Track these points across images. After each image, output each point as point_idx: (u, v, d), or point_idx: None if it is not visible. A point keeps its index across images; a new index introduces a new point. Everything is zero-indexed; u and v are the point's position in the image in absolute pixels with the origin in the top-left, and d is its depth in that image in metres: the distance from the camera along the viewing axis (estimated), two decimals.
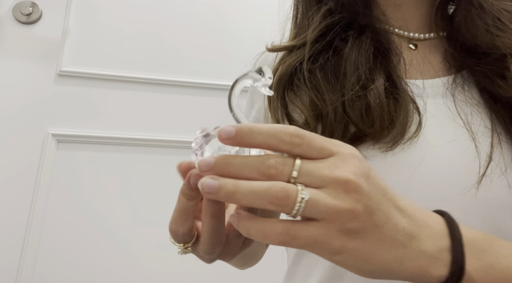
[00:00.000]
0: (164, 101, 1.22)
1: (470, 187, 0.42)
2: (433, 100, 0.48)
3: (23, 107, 1.13)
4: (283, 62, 0.53)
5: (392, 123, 0.44)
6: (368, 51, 0.49)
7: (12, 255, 1.03)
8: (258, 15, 1.37)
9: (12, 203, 1.06)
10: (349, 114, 0.45)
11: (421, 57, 0.52)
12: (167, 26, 1.29)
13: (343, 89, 0.47)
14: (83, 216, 1.09)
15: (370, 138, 0.44)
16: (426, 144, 0.45)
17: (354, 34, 0.50)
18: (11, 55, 1.16)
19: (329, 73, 0.48)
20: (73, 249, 1.07)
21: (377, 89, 0.45)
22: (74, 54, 1.20)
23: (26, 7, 1.18)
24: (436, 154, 0.44)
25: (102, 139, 1.16)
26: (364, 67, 0.47)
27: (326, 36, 0.51)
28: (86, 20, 1.24)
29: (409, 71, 0.50)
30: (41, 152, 1.11)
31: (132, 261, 1.10)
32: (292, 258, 0.52)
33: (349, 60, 0.48)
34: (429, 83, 0.50)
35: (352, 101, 0.45)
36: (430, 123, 0.46)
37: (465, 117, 0.46)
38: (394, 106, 0.45)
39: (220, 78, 1.28)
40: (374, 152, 0.44)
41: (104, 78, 1.20)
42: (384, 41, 0.50)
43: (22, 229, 1.05)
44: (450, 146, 0.44)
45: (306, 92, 0.49)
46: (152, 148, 1.17)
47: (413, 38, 0.54)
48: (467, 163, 0.43)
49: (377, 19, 0.53)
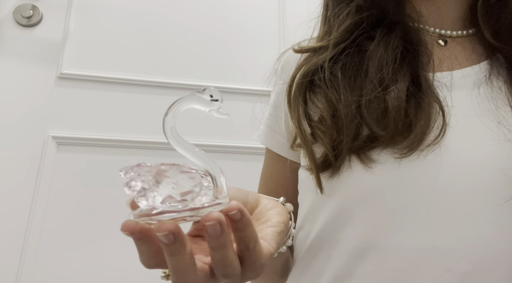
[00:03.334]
0: (164, 104, 1.22)
1: (504, 199, 0.39)
2: (461, 94, 0.45)
3: (24, 109, 1.13)
4: (308, 61, 0.52)
5: (410, 128, 0.42)
6: (396, 51, 0.47)
7: (12, 257, 1.03)
8: (259, 17, 1.37)
9: (12, 205, 1.06)
10: (364, 115, 0.43)
11: (450, 53, 0.50)
12: (168, 29, 1.29)
13: (363, 89, 0.45)
14: (83, 218, 1.09)
15: (382, 142, 0.43)
16: (449, 151, 0.42)
17: (382, 32, 0.48)
18: (12, 57, 1.16)
19: (350, 72, 0.47)
20: (73, 251, 1.07)
21: (398, 91, 0.43)
22: (75, 57, 1.20)
23: (27, 10, 1.18)
24: (461, 162, 0.41)
25: (102, 142, 1.16)
26: (389, 67, 0.45)
27: (352, 34, 0.49)
28: (87, 23, 1.24)
29: (439, 64, 0.48)
30: (41, 154, 1.11)
31: (132, 262, 1.10)
32: (300, 258, 0.51)
33: (373, 59, 0.46)
34: (458, 74, 0.47)
35: (370, 102, 0.44)
36: (457, 124, 0.43)
37: (498, 113, 0.43)
38: (415, 110, 0.43)
39: (222, 81, 1.28)
40: (387, 158, 0.43)
41: (104, 80, 1.20)
42: (415, 40, 0.48)
43: (22, 231, 1.04)
44: (480, 151, 0.41)
45: (324, 91, 0.48)
46: (152, 151, 1.17)
47: (445, 35, 0.52)
48: (498, 172, 0.40)
49: (409, 17, 0.51)
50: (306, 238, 0.51)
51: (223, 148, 1.23)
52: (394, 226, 0.42)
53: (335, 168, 0.45)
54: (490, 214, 0.40)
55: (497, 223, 0.40)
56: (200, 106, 0.29)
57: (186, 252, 0.28)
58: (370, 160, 0.43)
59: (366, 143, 0.43)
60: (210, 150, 1.22)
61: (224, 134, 1.25)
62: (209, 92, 0.29)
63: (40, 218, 1.06)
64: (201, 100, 0.29)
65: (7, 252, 1.03)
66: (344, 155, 0.44)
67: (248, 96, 1.26)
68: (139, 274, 1.10)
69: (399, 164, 0.42)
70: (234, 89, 1.28)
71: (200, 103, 0.29)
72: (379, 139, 0.43)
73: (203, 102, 0.29)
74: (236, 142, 1.24)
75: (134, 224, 0.29)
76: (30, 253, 1.03)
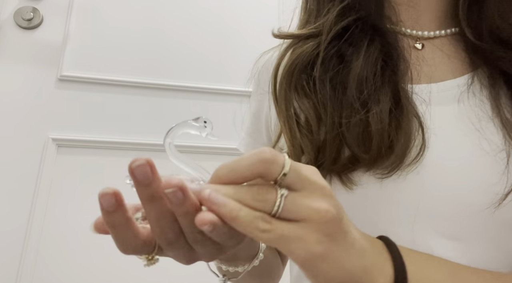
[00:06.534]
0: (164, 106, 1.22)
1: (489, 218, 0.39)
2: (441, 109, 0.44)
3: (24, 111, 1.13)
4: (293, 49, 0.50)
5: (391, 148, 0.41)
6: (376, 64, 0.45)
7: (12, 259, 1.03)
8: (260, 20, 1.37)
9: (12, 207, 1.06)
10: (346, 135, 0.42)
11: (429, 60, 0.49)
12: (168, 31, 1.29)
13: (344, 108, 0.44)
14: (83, 220, 1.09)
15: (365, 164, 0.42)
16: (429, 170, 0.41)
17: (363, 41, 0.47)
18: (12, 60, 1.16)
19: (337, 86, 0.46)
20: (72, 254, 1.07)
21: (381, 113, 0.42)
22: (75, 59, 1.20)
23: (27, 12, 1.18)
24: (442, 181, 0.41)
25: (102, 144, 1.16)
26: (370, 85, 0.44)
27: (340, 39, 0.48)
28: (87, 25, 1.24)
29: (417, 76, 0.47)
30: (41, 156, 1.11)
31: (132, 263, 1.09)
32: (298, 269, 0.50)
33: (353, 74, 0.45)
34: (436, 87, 0.46)
35: (351, 124, 0.42)
36: (436, 141, 0.42)
37: (479, 128, 0.42)
38: (396, 129, 0.42)
39: (223, 83, 1.28)
40: (368, 179, 0.42)
41: (104, 83, 1.21)
42: (393, 50, 0.47)
43: (22, 233, 1.04)
44: (460, 168, 0.40)
45: (312, 98, 0.47)
46: (152, 153, 1.17)
47: (423, 36, 0.51)
48: (480, 189, 0.40)
49: (388, 19, 0.50)
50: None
51: (222, 149, 1.23)
52: None
53: None
54: (474, 234, 0.40)
55: (482, 243, 0.40)
56: (194, 131, 0.35)
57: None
58: (351, 181, 0.43)
59: (347, 165, 0.42)
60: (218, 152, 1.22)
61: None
62: (202, 120, 0.35)
63: (40, 220, 1.06)
64: (195, 127, 0.35)
65: (7, 253, 1.03)
66: (324, 175, 0.43)
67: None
68: (139, 275, 1.09)
69: (381, 184, 0.42)
70: (235, 92, 1.28)
71: (195, 128, 0.35)
72: (361, 162, 0.42)
73: (197, 128, 0.35)
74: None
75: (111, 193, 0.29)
76: (30, 255, 1.03)
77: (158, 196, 0.28)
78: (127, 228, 0.29)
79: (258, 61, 0.61)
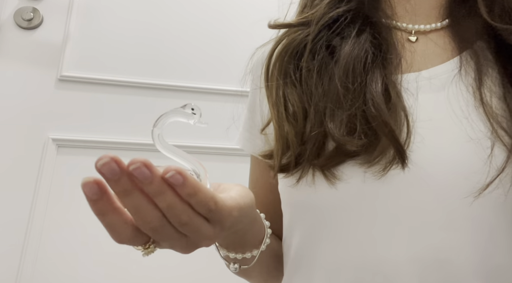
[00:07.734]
0: (164, 106, 1.22)
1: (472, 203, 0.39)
2: (427, 97, 0.44)
3: (24, 111, 1.13)
4: (287, 34, 0.52)
5: (377, 139, 0.41)
6: (366, 53, 0.45)
7: (12, 259, 1.03)
8: (260, 20, 1.37)
9: (12, 207, 1.06)
10: (329, 126, 0.42)
11: (421, 51, 0.48)
12: (168, 31, 1.29)
13: (330, 98, 0.44)
14: (83, 220, 1.09)
15: (349, 156, 0.42)
16: (413, 161, 0.41)
17: (352, 32, 0.47)
18: (12, 60, 1.16)
19: (324, 76, 0.46)
20: (72, 254, 1.07)
21: (368, 103, 0.42)
22: (75, 59, 1.20)
23: (27, 13, 1.18)
24: (426, 172, 0.40)
25: (102, 144, 1.16)
26: (356, 74, 0.44)
27: (330, 29, 0.49)
28: (87, 26, 1.24)
29: (407, 66, 0.47)
30: (41, 156, 1.11)
31: (132, 264, 1.09)
32: (290, 264, 0.51)
33: (340, 64, 0.45)
34: (426, 74, 0.45)
35: (335, 114, 0.43)
36: (421, 132, 0.42)
37: (465, 116, 0.42)
38: (382, 119, 0.41)
39: (223, 83, 1.28)
40: (351, 173, 0.42)
41: (104, 83, 1.20)
42: (383, 39, 0.47)
43: (21, 233, 1.04)
44: (445, 159, 0.40)
45: (298, 88, 0.47)
46: (152, 153, 1.17)
47: (418, 30, 0.50)
48: (465, 178, 0.40)
49: (383, 12, 0.50)
50: (288, 250, 0.51)
51: (223, 149, 1.23)
52: (368, 240, 0.42)
53: (295, 177, 0.45)
54: (459, 222, 0.40)
55: (467, 232, 0.40)
56: (183, 118, 0.34)
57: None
58: (334, 176, 0.43)
59: (331, 158, 0.42)
60: (210, 152, 1.22)
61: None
62: (189, 107, 0.34)
63: (40, 220, 1.06)
64: (184, 114, 0.34)
65: (7, 253, 1.03)
66: (307, 170, 0.44)
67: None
68: (139, 275, 1.10)
69: (364, 178, 0.42)
70: (236, 92, 1.28)
71: (183, 116, 0.34)
72: (345, 154, 0.42)
73: (185, 115, 0.34)
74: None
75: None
76: (30, 254, 1.03)
77: (132, 188, 0.28)
78: (115, 215, 0.30)
79: (252, 57, 0.62)
